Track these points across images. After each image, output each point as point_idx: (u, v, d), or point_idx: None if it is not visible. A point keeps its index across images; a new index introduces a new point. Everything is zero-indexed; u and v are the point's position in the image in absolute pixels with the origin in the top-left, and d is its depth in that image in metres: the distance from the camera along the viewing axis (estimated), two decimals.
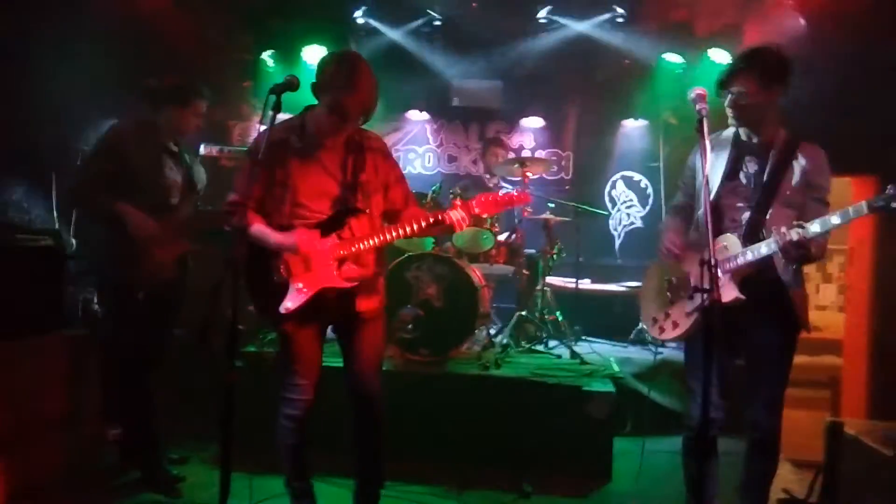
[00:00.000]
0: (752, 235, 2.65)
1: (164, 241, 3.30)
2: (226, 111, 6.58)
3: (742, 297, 2.60)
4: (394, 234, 2.69)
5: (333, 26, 6.20)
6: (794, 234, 2.43)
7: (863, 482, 3.08)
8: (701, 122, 2.40)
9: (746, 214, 2.69)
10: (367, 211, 2.72)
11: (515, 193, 2.77)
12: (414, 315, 4.11)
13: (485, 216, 2.80)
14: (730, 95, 2.65)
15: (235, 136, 6.84)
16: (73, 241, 4.43)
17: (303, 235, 2.65)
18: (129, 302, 3.27)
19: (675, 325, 2.83)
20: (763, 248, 2.54)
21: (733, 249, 2.63)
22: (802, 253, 2.49)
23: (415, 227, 2.67)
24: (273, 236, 2.65)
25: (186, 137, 3.55)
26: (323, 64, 2.63)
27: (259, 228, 2.65)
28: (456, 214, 2.67)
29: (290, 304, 2.63)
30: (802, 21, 4.91)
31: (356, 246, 2.66)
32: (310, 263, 2.64)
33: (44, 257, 3.48)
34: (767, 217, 2.64)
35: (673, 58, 6.18)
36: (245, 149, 4.83)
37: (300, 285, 2.65)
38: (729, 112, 2.71)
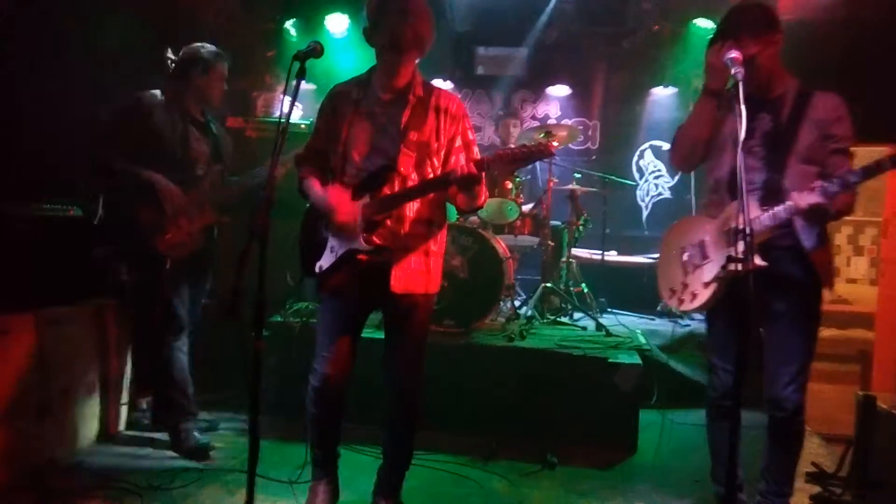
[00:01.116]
0: (770, 197, 2.52)
1: (191, 211, 3.31)
2: (249, 81, 6.55)
3: (764, 263, 2.41)
4: (415, 190, 2.52)
5: None
6: (814, 198, 2.31)
7: (895, 455, 3.03)
8: (736, 86, 2.29)
9: (763, 175, 2.57)
10: (404, 171, 2.52)
11: (538, 145, 2.44)
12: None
13: (495, 172, 2.61)
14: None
15: (259, 106, 6.82)
16: (101, 210, 4.47)
17: (336, 194, 2.55)
18: (156, 272, 3.29)
19: (694, 295, 2.69)
20: (782, 212, 2.41)
21: (751, 213, 2.52)
22: (824, 213, 2.38)
23: (429, 183, 2.52)
24: (313, 193, 2.59)
25: (212, 107, 3.54)
26: (369, 4, 2.52)
27: (307, 184, 2.61)
28: (459, 168, 2.45)
29: (322, 262, 2.60)
30: None
31: (383, 205, 2.51)
32: (340, 224, 2.53)
33: (71, 227, 3.51)
34: (785, 176, 2.52)
35: (704, 23, 6.01)
36: (269, 119, 4.85)
37: (332, 245, 2.60)
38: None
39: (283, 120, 2.24)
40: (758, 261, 2.46)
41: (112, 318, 3.66)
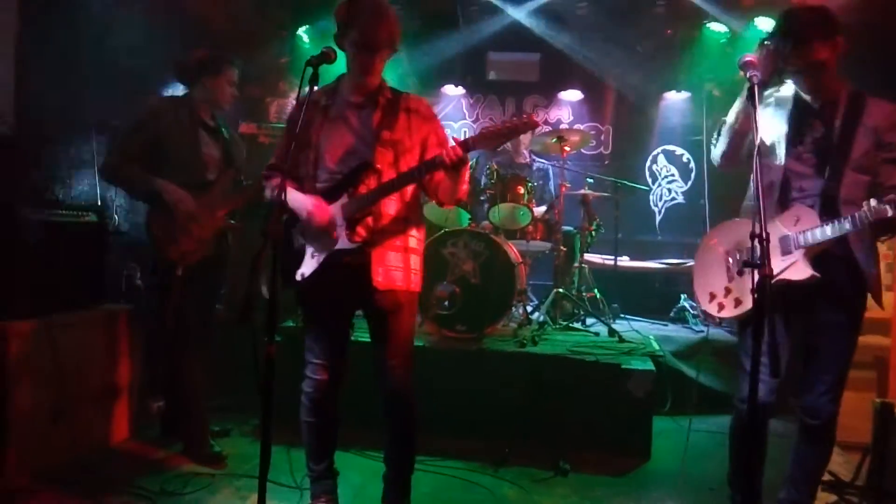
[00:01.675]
0: (827, 207, 2.48)
1: (202, 217, 3.33)
2: (263, 88, 6.60)
3: (817, 274, 2.43)
4: (395, 182, 2.51)
5: None
6: (890, 209, 2.23)
7: None
8: (752, 89, 2.26)
9: (817, 183, 2.51)
10: (381, 167, 2.54)
11: (522, 117, 2.42)
12: (450, 292, 4.09)
13: (481, 149, 2.53)
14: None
15: (273, 112, 6.86)
16: (116, 216, 4.51)
17: (312, 199, 2.56)
18: (167, 279, 3.31)
19: (738, 301, 2.60)
20: (847, 225, 2.34)
21: (808, 222, 2.46)
22: (890, 225, 2.34)
23: (412, 171, 2.51)
24: (290, 200, 2.54)
25: (224, 112, 3.56)
26: (338, 10, 2.55)
27: (290, 193, 2.56)
28: (445, 153, 2.44)
29: (304, 270, 2.59)
30: None
31: (363, 201, 2.52)
32: (321, 227, 2.53)
33: (87, 233, 3.54)
34: (841, 184, 2.46)
35: (717, 27, 5.98)
36: (283, 125, 4.87)
37: (312, 250, 2.60)
38: (795, 80, 2.53)
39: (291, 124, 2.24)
40: (810, 271, 2.45)
41: (126, 323, 3.69)
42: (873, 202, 2.28)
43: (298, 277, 2.60)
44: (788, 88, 2.66)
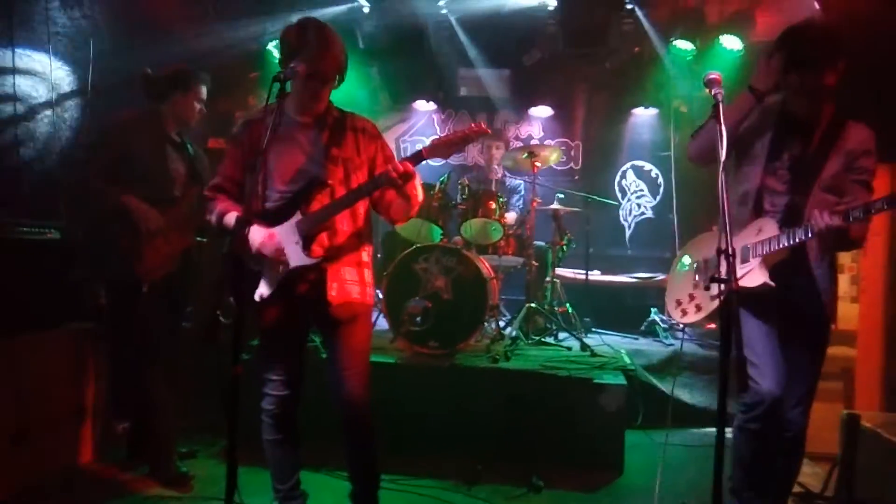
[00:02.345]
0: (789, 220, 2.55)
1: (168, 233, 3.27)
2: (232, 103, 6.54)
3: (771, 283, 2.49)
4: (347, 198, 2.55)
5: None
6: (835, 220, 2.31)
7: (880, 474, 3.03)
8: (716, 106, 2.30)
9: (786, 199, 2.59)
10: (332, 184, 2.58)
11: (471, 126, 2.52)
12: (422, 307, 4.07)
13: (435, 159, 2.60)
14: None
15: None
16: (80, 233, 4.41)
17: (258, 230, 2.55)
18: (133, 296, 3.24)
19: (699, 308, 2.72)
20: (800, 233, 2.42)
21: (768, 232, 2.53)
22: (841, 238, 2.41)
23: (363, 187, 2.54)
24: (237, 223, 2.47)
25: (192, 128, 3.51)
26: (286, 34, 2.56)
27: (227, 216, 2.58)
28: (391, 167, 2.49)
29: (263, 290, 2.58)
30: (817, 5, 4.81)
31: (317, 217, 2.54)
32: (272, 255, 2.54)
33: (49, 250, 3.45)
34: (807, 203, 2.53)
35: (683, 45, 6.09)
36: None
37: (269, 271, 2.59)
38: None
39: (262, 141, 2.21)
40: (764, 279, 2.51)
41: (90, 343, 3.60)
42: (824, 213, 2.34)
43: (257, 298, 2.58)
44: (775, 100, 2.70)
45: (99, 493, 3.19)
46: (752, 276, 2.54)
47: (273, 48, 6.37)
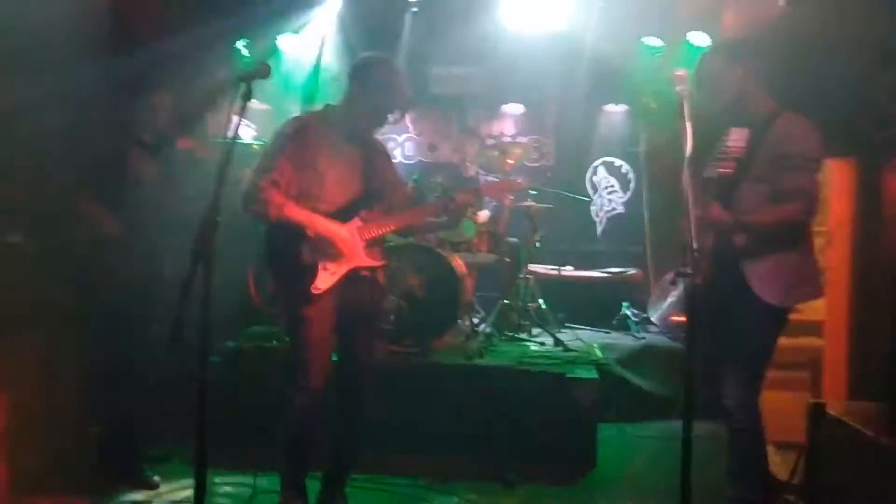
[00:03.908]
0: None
1: (135, 236, 3.21)
2: (201, 102, 6.45)
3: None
4: (408, 220, 3.03)
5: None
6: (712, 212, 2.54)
7: (845, 463, 3.09)
8: (681, 103, 2.36)
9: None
10: (382, 197, 2.97)
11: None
12: (396, 306, 4.07)
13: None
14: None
15: (211, 126, 6.71)
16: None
17: (327, 219, 2.79)
18: (101, 301, 3.19)
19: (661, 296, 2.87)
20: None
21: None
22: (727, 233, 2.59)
23: (426, 216, 3.09)
24: (308, 218, 2.75)
25: (157, 130, 3.46)
26: (371, 66, 2.86)
27: (287, 210, 2.72)
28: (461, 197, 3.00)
29: (321, 284, 2.75)
30: (781, 1, 4.88)
31: (380, 228, 2.91)
32: (338, 245, 2.78)
33: (13, 254, 3.38)
34: (738, 194, 2.64)
35: (652, 41, 6.14)
36: (220, 139, 4.76)
37: (329, 266, 2.78)
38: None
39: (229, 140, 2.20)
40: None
41: (59, 347, 3.54)
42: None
43: (315, 291, 2.75)
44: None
45: (70, 497, 3.15)
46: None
47: (242, 47, 6.31)
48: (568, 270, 6.04)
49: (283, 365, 3.76)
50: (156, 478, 3.35)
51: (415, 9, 6.28)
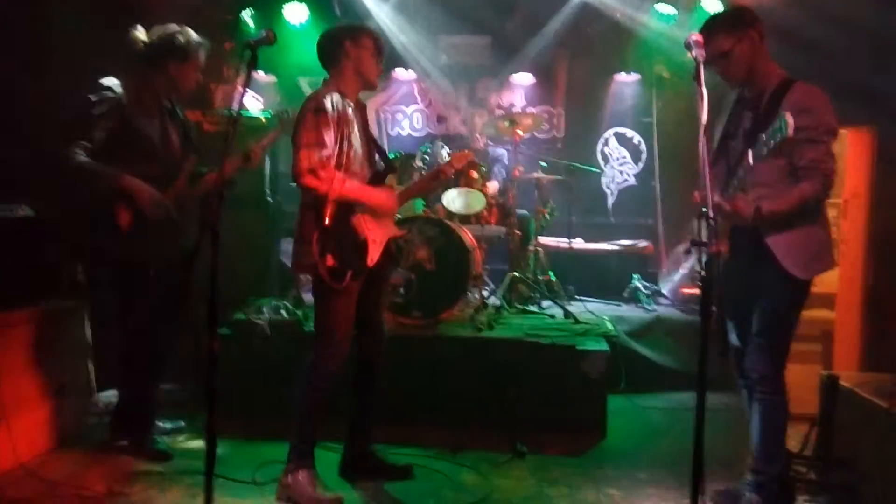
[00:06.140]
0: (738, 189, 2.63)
1: (171, 210, 3.12)
2: (207, 74, 6.39)
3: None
4: (423, 187, 3.41)
5: None
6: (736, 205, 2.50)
7: (858, 434, 3.09)
8: (698, 68, 2.28)
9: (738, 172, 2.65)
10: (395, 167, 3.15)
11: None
12: (405, 278, 4.06)
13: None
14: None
15: (218, 99, 6.66)
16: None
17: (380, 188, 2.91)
18: (135, 277, 3.16)
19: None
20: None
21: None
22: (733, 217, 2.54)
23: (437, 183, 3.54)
24: (363, 192, 2.83)
25: (181, 97, 3.35)
26: (362, 34, 2.91)
27: (350, 184, 2.76)
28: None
29: (373, 255, 2.83)
30: None
31: (405, 195, 3.06)
32: (380, 216, 2.88)
33: (22, 228, 3.38)
34: (752, 171, 2.57)
35: (665, 8, 6.01)
36: (228, 112, 4.72)
37: (374, 238, 2.85)
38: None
39: (235, 112, 2.17)
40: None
41: (69, 320, 3.56)
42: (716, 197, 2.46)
43: (370, 263, 2.83)
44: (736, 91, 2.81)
45: (80, 471, 3.16)
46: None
47: (248, 17, 6.23)
48: (578, 243, 6.00)
49: (294, 337, 3.83)
50: (171, 447, 3.37)
51: None
